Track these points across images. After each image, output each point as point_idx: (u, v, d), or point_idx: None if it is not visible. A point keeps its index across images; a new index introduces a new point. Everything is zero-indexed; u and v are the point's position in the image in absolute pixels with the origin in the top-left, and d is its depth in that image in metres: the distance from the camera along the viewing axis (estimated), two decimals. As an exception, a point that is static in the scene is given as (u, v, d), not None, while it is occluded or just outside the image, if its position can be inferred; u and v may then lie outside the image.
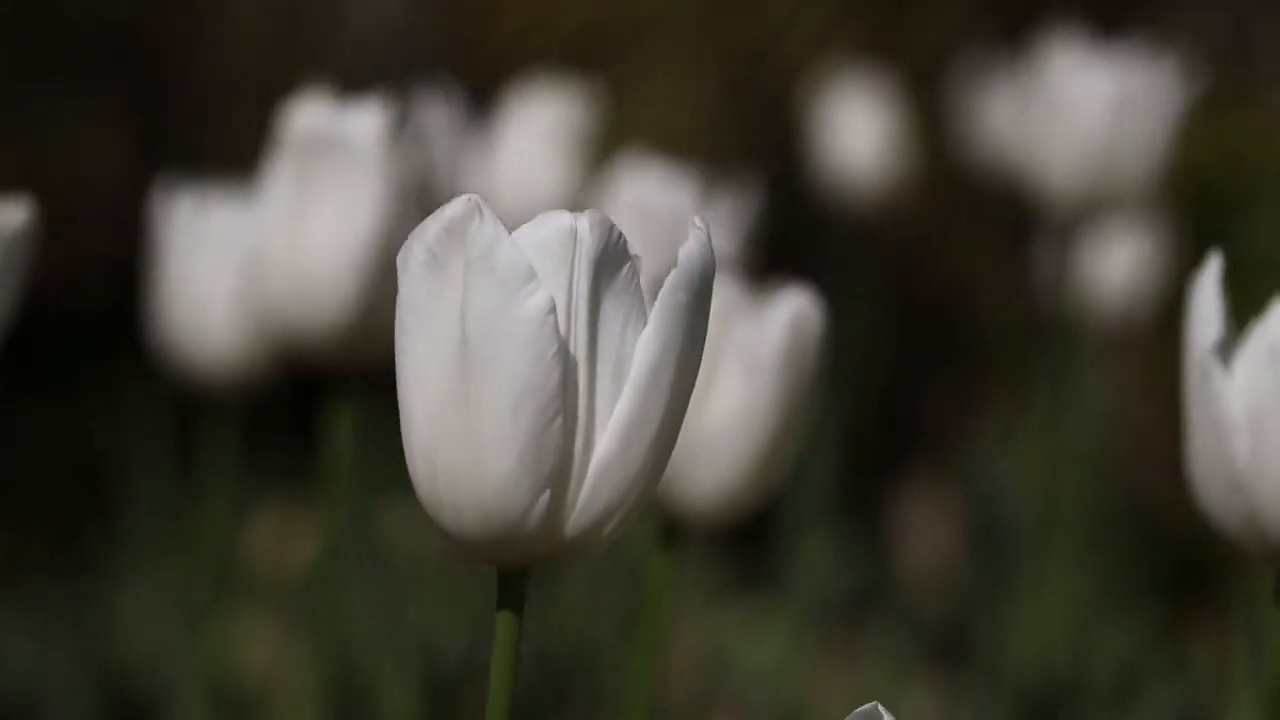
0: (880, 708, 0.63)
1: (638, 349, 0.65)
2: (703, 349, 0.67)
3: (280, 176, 1.17)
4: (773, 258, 1.64)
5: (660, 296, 0.64)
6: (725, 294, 1.00)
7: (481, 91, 1.93)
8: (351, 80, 1.40)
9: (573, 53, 2.55)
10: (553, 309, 0.63)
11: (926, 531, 2.35)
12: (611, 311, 0.65)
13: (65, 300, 2.38)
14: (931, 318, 2.71)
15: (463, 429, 0.64)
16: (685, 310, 0.65)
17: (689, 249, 0.65)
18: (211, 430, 1.54)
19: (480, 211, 0.64)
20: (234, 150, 1.80)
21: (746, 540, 2.16)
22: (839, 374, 2.14)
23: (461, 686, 1.72)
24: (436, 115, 1.77)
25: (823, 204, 2.35)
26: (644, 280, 0.66)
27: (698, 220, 0.65)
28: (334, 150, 1.15)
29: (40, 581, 2.00)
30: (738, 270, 1.17)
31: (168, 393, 1.71)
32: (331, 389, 1.17)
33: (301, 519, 2.07)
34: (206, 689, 1.56)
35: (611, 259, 0.64)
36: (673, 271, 0.64)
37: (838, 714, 1.67)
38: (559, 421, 0.64)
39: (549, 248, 0.64)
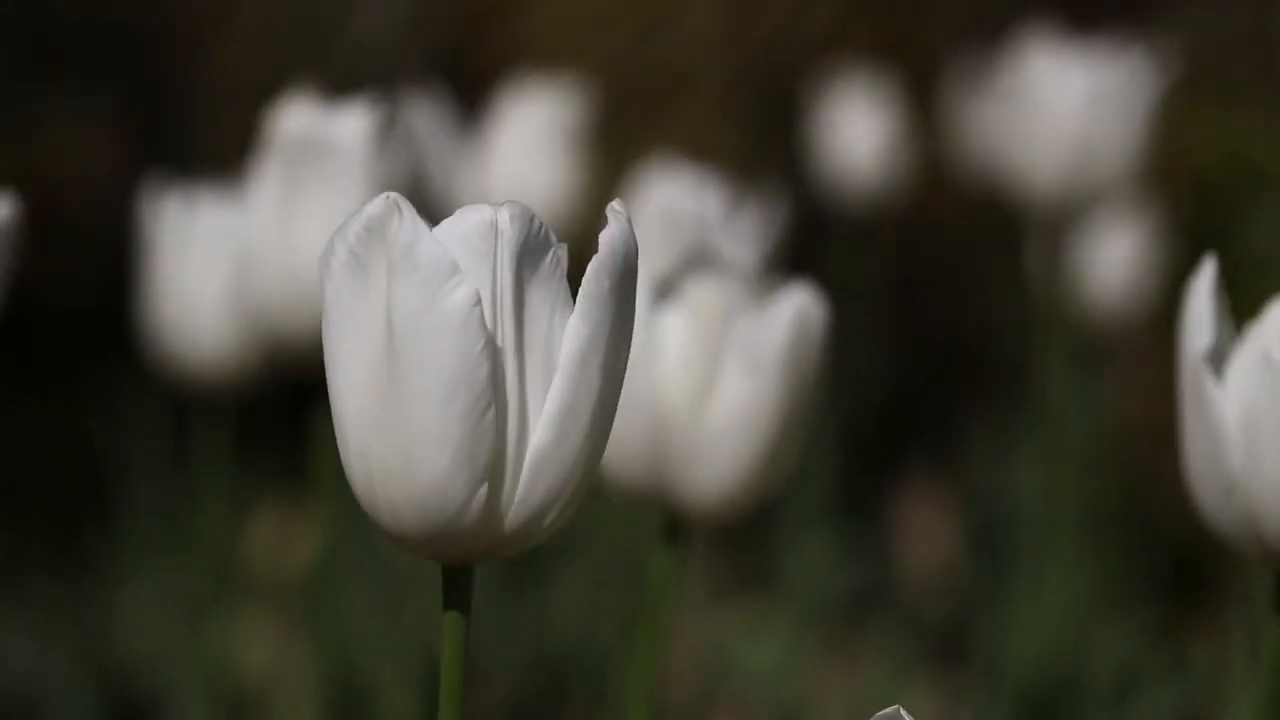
0: (903, 711, 0.63)
1: (565, 337, 0.65)
2: (631, 332, 0.67)
3: (267, 178, 1.17)
4: (773, 257, 1.64)
5: (584, 283, 0.64)
6: (728, 291, 1.00)
7: (487, 96, 1.93)
8: (351, 81, 1.41)
9: (576, 54, 2.55)
10: (478, 302, 0.63)
11: (926, 531, 2.35)
12: (537, 301, 0.65)
13: (65, 300, 2.38)
14: (932, 318, 2.71)
15: (394, 428, 0.64)
16: (610, 295, 0.65)
17: (610, 234, 0.65)
18: (208, 430, 1.54)
19: (399, 209, 0.63)
20: (235, 150, 1.80)
21: (747, 540, 2.16)
22: (839, 373, 2.14)
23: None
24: (431, 117, 1.77)
25: (823, 203, 2.35)
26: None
27: (616, 205, 0.65)
28: (320, 153, 1.15)
29: (40, 581, 2.00)
30: (759, 275, 1.17)
31: (167, 392, 1.71)
32: (322, 389, 1.17)
33: (301, 519, 2.07)
34: (206, 689, 1.56)
35: (533, 249, 0.64)
36: (595, 257, 0.64)
37: (838, 714, 1.67)
38: (491, 415, 0.64)
39: (470, 241, 0.64)
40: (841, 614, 2.07)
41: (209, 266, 1.47)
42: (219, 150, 2.24)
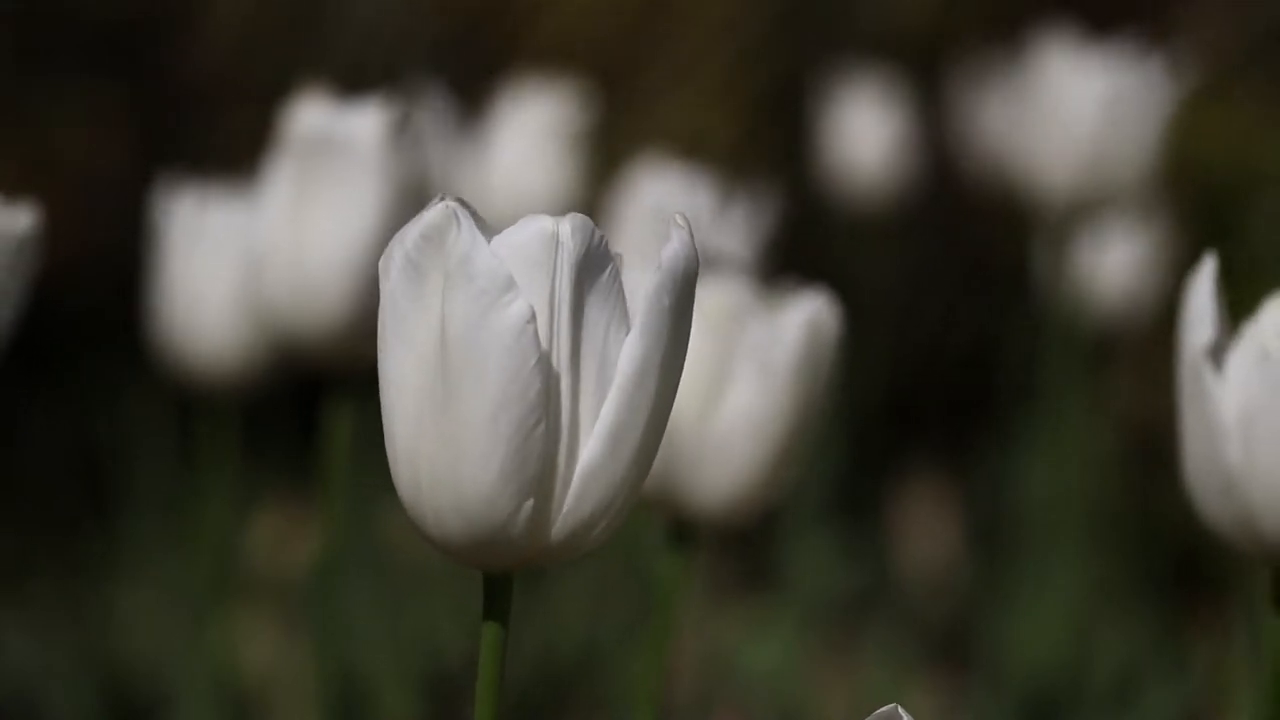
0: (900, 710, 0.63)
1: (622, 353, 0.64)
2: (686, 349, 0.66)
3: (280, 177, 1.17)
4: (776, 257, 1.64)
5: (644, 299, 0.64)
6: (739, 295, 1.00)
7: (485, 89, 1.93)
8: (354, 77, 1.40)
9: (576, 51, 2.54)
10: (532, 318, 0.62)
11: (927, 531, 2.35)
12: (595, 315, 0.64)
13: (68, 297, 2.38)
14: (936, 317, 2.71)
15: (444, 438, 0.64)
16: (669, 312, 0.64)
17: (671, 249, 0.64)
18: (210, 429, 1.54)
19: (458, 219, 0.63)
20: (239, 146, 1.80)
21: (748, 540, 2.16)
22: (841, 374, 2.13)
23: (461, 686, 1.71)
24: (431, 113, 1.77)
25: (828, 203, 2.35)
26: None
27: (679, 218, 0.65)
28: (334, 151, 1.15)
29: (40, 581, 2.00)
30: (754, 274, 1.17)
31: (170, 391, 1.71)
32: (330, 389, 1.17)
33: (303, 518, 2.07)
34: (207, 688, 1.56)
35: (594, 262, 0.64)
36: (656, 273, 0.64)
37: (839, 714, 1.67)
38: (541, 430, 0.63)
39: (530, 252, 0.63)
40: (843, 614, 2.07)
41: (218, 265, 1.47)
42: (225, 145, 2.23)
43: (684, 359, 0.66)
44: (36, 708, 1.70)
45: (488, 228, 0.64)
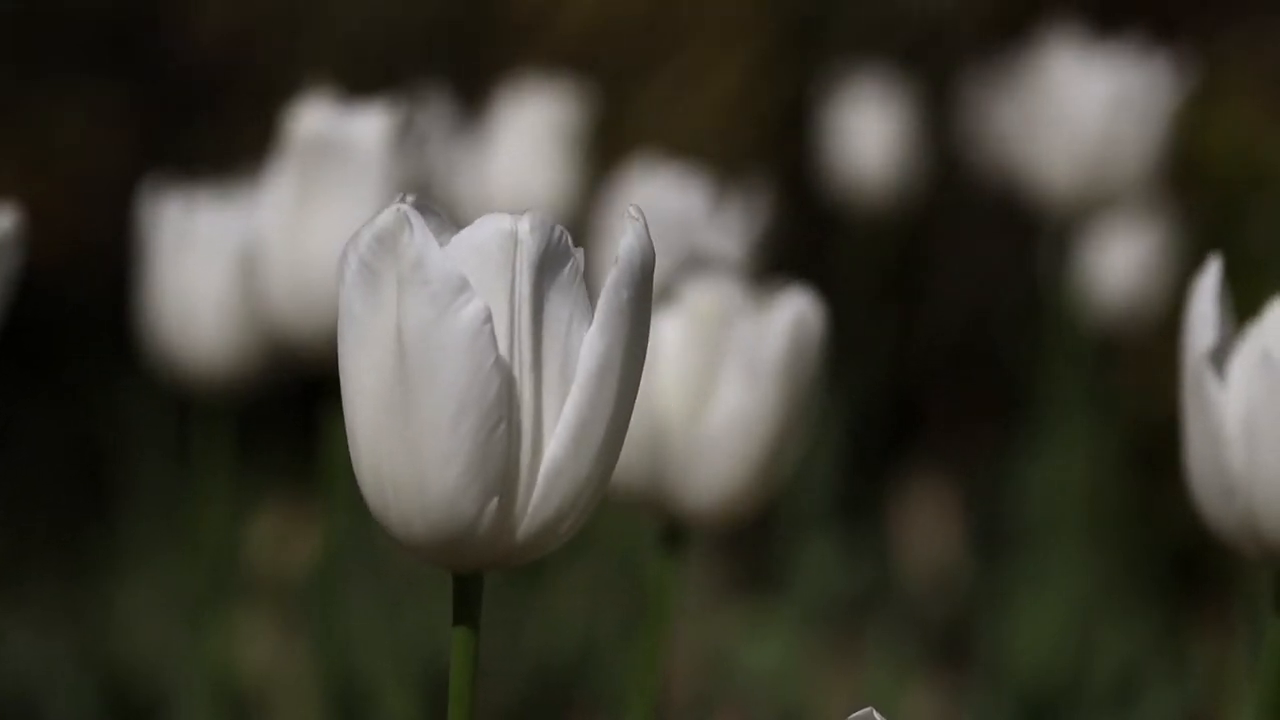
0: (875, 713, 0.63)
1: (583, 350, 0.64)
2: (647, 342, 0.66)
3: (282, 179, 1.17)
4: (778, 258, 1.64)
5: (602, 294, 0.64)
6: (727, 296, 1.00)
7: (486, 89, 1.93)
8: (354, 75, 1.40)
9: (582, 52, 2.54)
10: (488, 318, 0.62)
11: (928, 532, 2.35)
12: (555, 312, 0.64)
13: (68, 297, 2.38)
14: (938, 318, 2.71)
15: (405, 442, 0.64)
16: (628, 306, 0.64)
17: (627, 243, 0.64)
18: (208, 430, 1.54)
19: (409, 222, 0.63)
20: (241, 146, 1.80)
21: (747, 541, 2.16)
22: (843, 373, 2.13)
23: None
24: (432, 113, 1.77)
25: (829, 204, 2.34)
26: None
27: (633, 210, 0.64)
28: (337, 154, 1.15)
29: (40, 581, 2.00)
30: (748, 274, 1.17)
31: (168, 392, 1.71)
32: (330, 391, 1.17)
33: (303, 519, 2.07)
34: (206, 689, 1.56)
35: (554, 259, 0.64)
36: (612, 268, 0.64)
37: (839, 715, 1.66)
38: (502, 429, 0.63)
39: (488, 250, 0.63)
40: (843, 615, 2.07)
41: (208, 267, 1.47)
42: (225, 145, 2.23)
43: (645, 351, 0.66)
44: (36, 708, 1.70)
45: (448, 229, 0.64)
